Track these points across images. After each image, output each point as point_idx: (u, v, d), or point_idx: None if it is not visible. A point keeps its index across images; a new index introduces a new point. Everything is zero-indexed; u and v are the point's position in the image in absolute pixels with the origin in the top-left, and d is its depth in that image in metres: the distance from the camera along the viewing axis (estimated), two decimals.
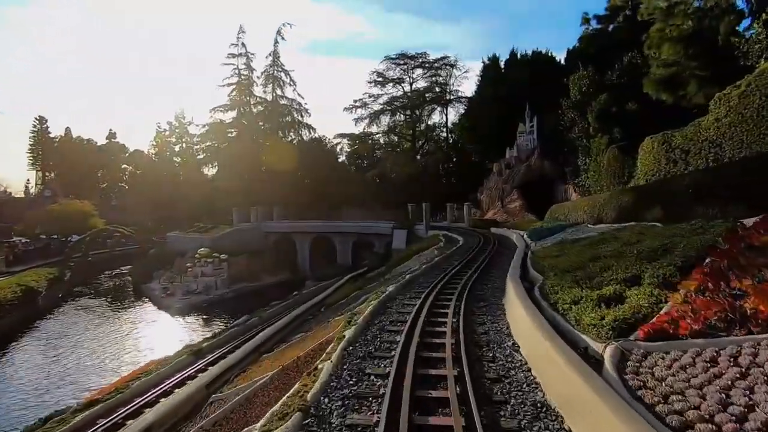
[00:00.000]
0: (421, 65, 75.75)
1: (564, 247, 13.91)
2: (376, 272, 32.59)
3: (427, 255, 23.36)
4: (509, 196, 39.69)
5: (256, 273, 41.35)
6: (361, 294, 19.30)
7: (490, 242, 22.20)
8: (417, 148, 78.34)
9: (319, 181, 57.29)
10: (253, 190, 54.93)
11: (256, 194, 54.66)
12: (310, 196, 56.32)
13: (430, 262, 16.68)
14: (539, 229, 21.21)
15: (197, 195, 59.82)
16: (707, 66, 22.25)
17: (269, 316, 22.09)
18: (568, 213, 24.05)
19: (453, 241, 25.61)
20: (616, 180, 25.54)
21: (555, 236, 18.27)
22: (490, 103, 51.79)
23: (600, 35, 41.34)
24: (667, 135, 20.54)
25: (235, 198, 53.90)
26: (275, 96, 59.71)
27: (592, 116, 28.72)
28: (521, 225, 27.74)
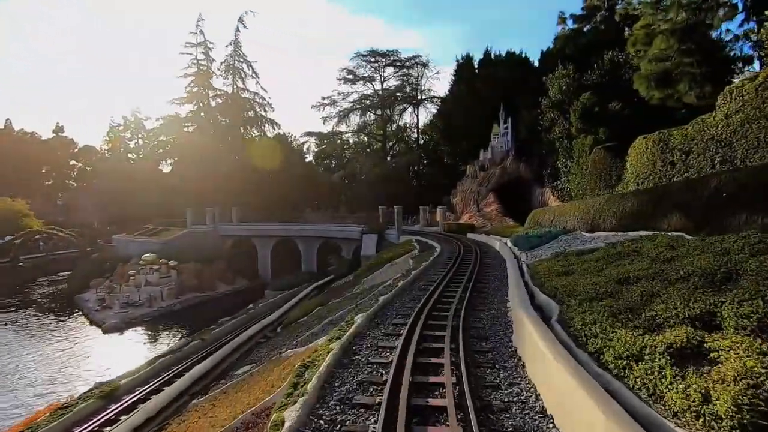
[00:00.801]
0: (393, 63, 73.46)
1: (569, 261, 11.52)
2: (343, 281, 29.68)
3: (401, 265, 20.66)
4: (485, 200, 37.76)
5: (209, 281, 37.35)
6: (325, 313, 16.37)
7: (471, 251, 19.75)
8: (388, 148, 75.88)
9: (283, 181, 53.65)
10: (211, 190, 50.60)
11: (213, 194, 50.38)
12: (274, 197, 52.57)
13: (406, 276, 13.94)
14: (526, 237, 18.95)
15: (154, 194, 54.62)
16: (700, 63, 20.80)
17: (215, 338, 18.69)
18: (554, 218, 22.01)
19: (428, 248, 23.05)
20: (602, 183, 23.78)
21: (548, 245, 16.00)
22: (463, 103, 49.97)
23: (576, 35, 40.26)
24: (663, 134, 18.78)
25: (191, 198, 49.39)
26: (236, 88, 55.53)
27: (574, 115, 27.08)
28: (502, 231, 25.60)
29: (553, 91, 32.24)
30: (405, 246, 26.16)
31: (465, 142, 50.38)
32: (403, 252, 24.34)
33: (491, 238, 25.10)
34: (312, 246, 41.34)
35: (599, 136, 25.70)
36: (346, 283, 26.96)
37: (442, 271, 14.65)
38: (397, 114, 75.28)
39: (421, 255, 20.54)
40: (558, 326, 7.08)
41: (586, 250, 12.32)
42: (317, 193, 68.26)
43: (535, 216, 25.38)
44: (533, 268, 12.33)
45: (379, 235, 33.86)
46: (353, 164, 71.00)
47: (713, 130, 15.74)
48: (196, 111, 59.39)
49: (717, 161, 15.66)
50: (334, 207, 67.44)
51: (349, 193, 67.97)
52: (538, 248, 16.08)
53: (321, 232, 40.75)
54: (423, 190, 64.64)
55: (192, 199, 48.52)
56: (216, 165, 53.09)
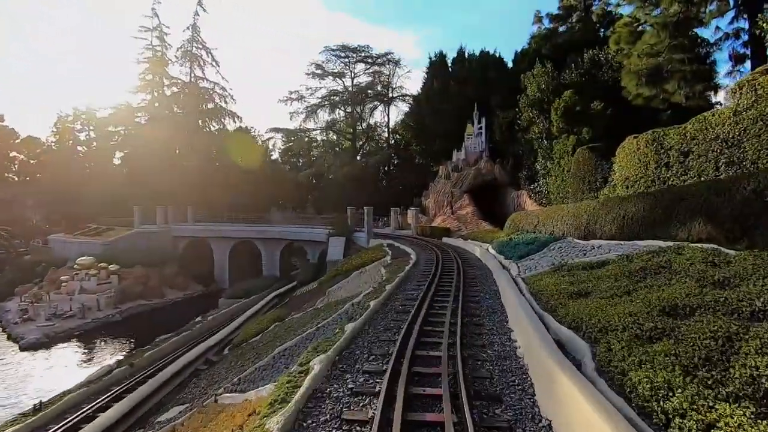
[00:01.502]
0: (364, 60, 71.02)
1: (577, 276, 9.51)
2: (307, 289, 26.98)
3: (372, 273, 18.26)
4: (459, 201, 36.00)
5: (157, 287, 33.56)
6: (282, 332, 13.74)
7: (450, 259, 17.63)
8: (357, 147, 73.32)
9: (245, 179, 50.00)
10: (165, 186, 46.31)
11: (168, 191, 46.14)
12: (234, 195, 48.84)
13: (379, 293, 11.53)
14: (511, 244, 17.01)
15: (104, 191, 49.25)
16: (691, 60, 19.65)
17: (148, 362, 15.56)
18: (537, 223, 20.27)
19: (402, 254, 20.78)
20: (586, 186, 22.32)
21: (540, 255, 14.05)
22: (436, 101, 48.25)
23: (553, 35, 39.36)
24: (657, 134, 17.37)
25: (144, 195, 44.87)
26: (194, 77, 51.32)
27: (556, 114, 25.66)
28: (480, 235, 23.71)
29: (531, 89, 30.85)
30: (376, 251, 23.79)
31: (438, 141, 48.67)
32: (374, 258, 21.95)
33: (469, 243, 23.15)
34: (274, 249, 38.23)
35: (582, 136, 24.33)
36: (310, 292, 24.29)
37: (420, 285, 12.37)
38: (368, 112, 72.97)
39: (395, 263, 18.21)
40: (601, 380, 4.91)
41: (594, 263, 10.35)
42: (283, 193, 64.80)
43: (515, 220, 23.65)
44: (532, 284, 10.24)
45: (348, 238, 31.32)
46: (321, 163, 67.96)
47: (719, 128, 14.26)
48: (151, 101, 54.60)
49: (722, 163, 14.20)
50: (300, 207, 64.24)
51: (316, 193, 64.90)
52: (529, 257, 14.10)
53: (284, 233, 37.71)
54: (394, 191, 62.57)
55: (145, 197, 44.06)
56: (171, 160, 48.82)
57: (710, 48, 20.23)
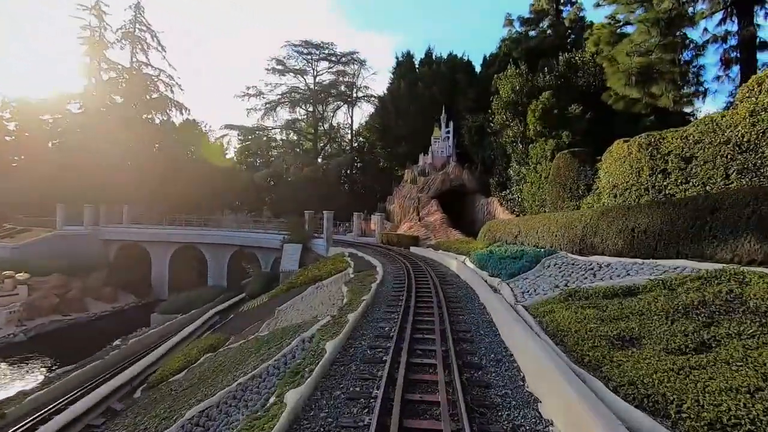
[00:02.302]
0: (327, 57, 67.92)
1: (607, 311, 7.15)
2: (255, 303, 23.53)
3: (330, 290, 15.31)
4: (427, 207, 33.75)
5: (78, 299, 28.73)
6: (209, 372, 10.56)
7: (423, 274, 15.05)
8: (319, 149, 69.88)
9: (193, 177, 45.38)
10: (97, 183, 40.88)
11: (101, 188, 40.74)
12: (180, 195, 44.11)
13: (339, 326, 8.65)
14: (493, 257, 14.65)
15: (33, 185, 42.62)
16: (681, 62, 18.35)
17: (24, 412, 11.66)
18: (519, 234, 18.15)
19: (366, 267, 17.96)
20: (566, 193, 20.51)
21: (534, 273, 11.70)
22: (403, 102, 46.17)
23: (524, 38, 38.26)
24: (653, 137, 15.70)
25: (72, 192, 39.22)
26: (136, 62, 46.05)
27: (533, 116, 23.97)
28: (453, 246, 21.33)
29: (504, 90, 29.16)
30: (336, 262, 20.83)
31: (403, 144, 46.52)
32: (334, 270, 19.00)
33: (441, 254, 20.72)
34: (222, 255, 34.24)
35: (562, 140, 22.67)
36: (259, 308, 20.93)
37: (392, 314, 9.63)
38: (331, 112, 69.92)
39: (358, 278, 15.36)
40: None
41: (618, 289, 8.04)
42: (237, 194, 60.27)
43: (491, 229, 21.50)
44: (542, 317, 7.77)
45: (305, 245, 28.10)
46: (280, 163, 63.99)
47: (730, 131, 12.53)
48: (88, 88, 48.65)
49: (733, 170, 12.45)
50: (257, 210, 59.93)
51: (274, 196, 60.78)
52: (521, 276, 11.72)
53: (233, 238, 33.85)
54: (356, 195, 59.79)
55: (75, 194, 38.45)
56: (107, 154, 43.36)
57: (698, 50, 19.08)
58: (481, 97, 39.92)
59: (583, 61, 27.21)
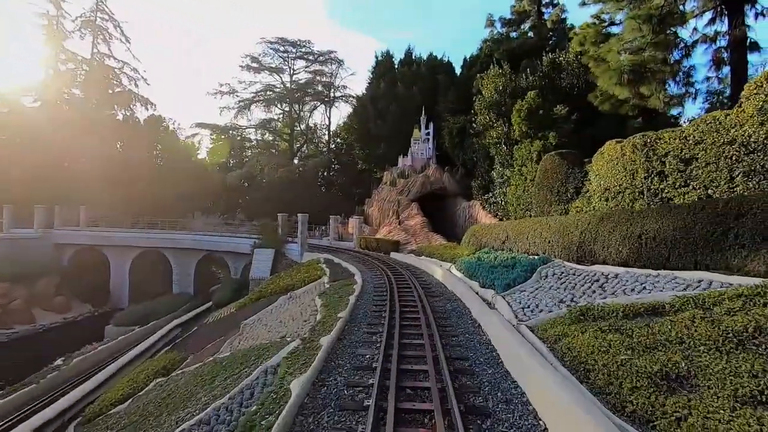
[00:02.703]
0: (304, 56, 66.12)
1: (634, 337, 5.96)
2: (222, 315, 21.64)
3: (303, 302, 13.73)
4: (407, 210, 32.47)
5: (23, 310, 26.01)
6: (153, 407, 8.86)
7: (407, 284, 13.69)
8: (295, 149, 67.80)
9: (159, 177, 42.69)
10: (53, 183, 37.77)
11: (56, 188, 37.66)
12: (145, 196, 41.36)
13: (309, 357, 7.14)
14: (483, 265, 13.42)
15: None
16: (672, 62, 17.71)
17: None
18: (506, 239, 17.03)
19: (343, 275, 16.46)
20: (554, 196, 19.59)
21: (532, 285, 10.48)
22: (382, 103, 44.93)
23: (506, 39, 37.69)
24: (648, 137, 14.88)
25: (23, 191, 36.02)
26: (98, 54, 43.04)
27: (518, 117, 23.06)
28: (437, 252, 20.04)
29: (487, 91, 28.27)
30: (310, 269, 19.22)
31: (383, 145, 45.23)
32: (308, 279, 17.41)
33: (424, 260, 19.41)
34: (188, 261, 31.97)
35: (549, 142, 21.79)
36: (224, 320, 19.09)
37: (374, 337, 8.20)
38: (307, 112, 68.03)
39: (334, 289, 13.85)
40: None
41: (639, 306, 6.86)
42: (209, 196, 57.58)
43: (476, 234, 20.35)
44: (554, 343, 6.51)
45: (277, 250, 26.29)
46: (254, 164, 61.68)
47: (735, 130, 11.69)
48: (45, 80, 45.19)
49: (739, 172, 11.61)
50: (229, 213, 57.37)
51: (248, 198, 58.35)
52: (518, 289, 10.47)
53: (201, 243, 31.65)
54: (334, 198, 58.08)
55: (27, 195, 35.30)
56: (64, 151, 40.25)
57: (687, 50, 18.53)
58: (462, 98, 39.16)
59: (567, 61, 26.60)
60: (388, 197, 36.40)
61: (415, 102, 43.43)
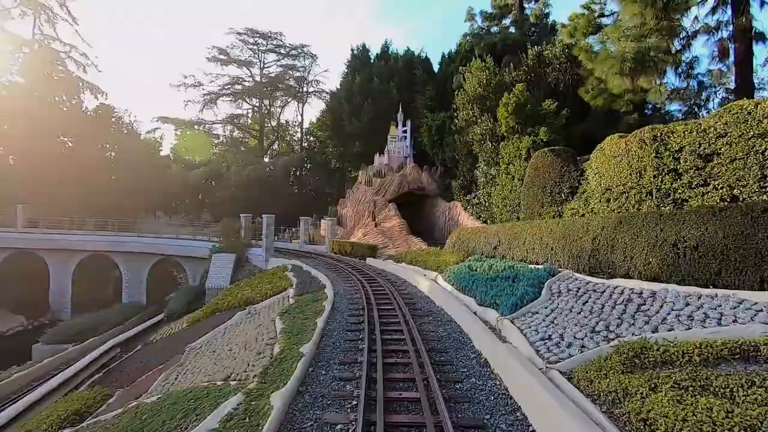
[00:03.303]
0: (276, 49, 62.90)
1: (746, 401, 3.87)
2: (170, 331, 18.86)
3: (261, 323, 11.29)
4: (383, 212, 30.28)
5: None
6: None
7: (387, 299, 11.50)
8: (265, 147, 64.47)
9: (114, 174, 38.75)
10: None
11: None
12: (97, 195, 37.41)
13: (253, 419, 4.82)
14: (477, 278, 11.36)
15: None
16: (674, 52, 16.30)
17: None
18: (498, 244, 15.10)
19: (312, 287, 14.07)
20: (546, 197, 17.85)
21: (546, 306, 8.46)
22: (357, 99, 42.69)
23: (486, 34, 36.17)
24: (659, 131, 13.27)
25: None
26: (41, 35, 38.67)
27: (506, 111, 21.30)
28: (419, 258, 17.86)
29: (470, 85, 26.50)
30: (275, 279, 16.73)
31: (357, 143, 42.99)
32: (271, 291, 14.94)
33: (405, 268, 17.25)
34: (140, 266, 28.66)
35: (539, 138, 20.10)
36: (171, 339, 16.36)
37: (348, 386, 5.96)
38: (279, 107, 64.85)
39: (300, 306, 11.47)
40: None
41: (718, 346, 4.90)
42: (172, 195, 53.67)
43: (461, 238, 18.37)
44: (608, 399, 4.46)
45: (240, 255, 23.56)
46: (219, 161, 58.18)
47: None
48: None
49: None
50: (194, 213, 53.59)
51: (217, 197, 54.68)
52: (527, 310, 8.43)
53: (155, 246, 28.42)
54: (306, 198, 55.34)
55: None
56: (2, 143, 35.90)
57: (689, 40, 17.21)
58: (441, 95, 37.44)
59: (554, 54, 25.12)
60: (364, 198, 34.14)
61: (392, 98, 41.47)
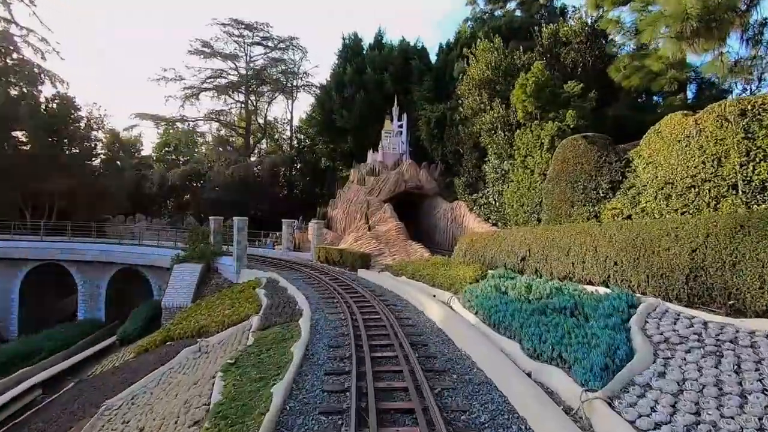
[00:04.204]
0: (262, 41, 59.08)
1: None
2: (115, 359, 15.28)
3: (198, 381, 7.75)
4: (378, 213, 26.80)
5: None
6: None
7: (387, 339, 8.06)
8: (252, 145, 60.62)
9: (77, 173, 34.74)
10: None
11: None
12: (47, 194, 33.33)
13: None
14: (520, 308, 7.87)
15: None
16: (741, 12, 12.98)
17: None
18: (527, 256, 11.68)
19: (284, 312, 10.52)
20: (578, 194, 14.45)
21: (657, 369, 5.06)
22: (349, 92, 39.23)
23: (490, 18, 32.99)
24: (750, 102, 10.14)
25: None
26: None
27: (522, 93, 17.88)
28: (423, 271, 14.22)
29: (477, 68, 23.14)
30: (240, 300, 13.16)
31: (349, 139, 39.49)
32: (230, 319, 11.38)
33: (405, 283, 13.74)
34: (98, 277, 24.86)
35: (565, 123, 16.72)
36: (103, 380, 12.75)
37: None
38: (265, 103, 61.08)
39: (260, 348, 7.93)
40: None
41: None
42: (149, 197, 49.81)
43: (474, 245, 14.90)
44: None
45: (208, 265, 19.90)
46: (201, 159, 54.39)
47: None
48: None
49: None
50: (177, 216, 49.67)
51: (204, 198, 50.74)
52: (626, 378, 4.95)
53: (113, 254, 24.62)
54: (296, 200, 51.61)
55: None
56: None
57: None
58: (439, 86, 34.09)
59: (574, 31, 21.81)
60: (356, 198, 30.62)
61: (386, 90, 38.01)
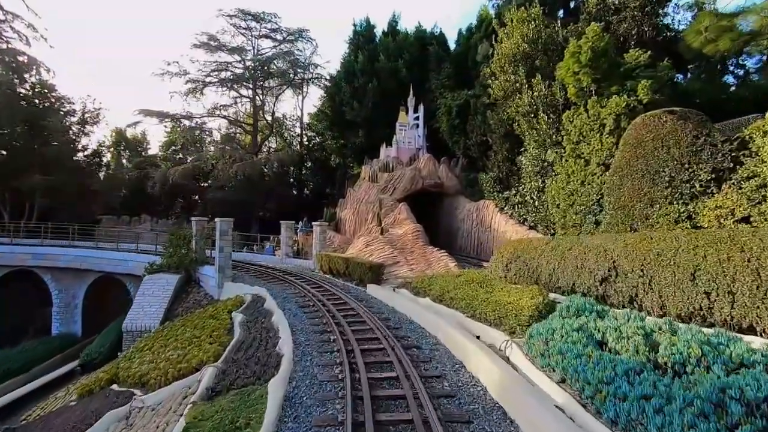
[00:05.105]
0: (270, 34, 56.07)
1: None
2: (45, 408, 11.97)
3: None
4: (392, 214, 23.28)
5: None
6: None
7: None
8: (259, 142, 57.68)
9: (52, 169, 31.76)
10: None
11: None
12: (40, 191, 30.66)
13: None
14: (626, 386, 4.35)
15: None
16: None
17: None
18: (611, 275, 8.07)
19: (254, 355, 7.05)
20: (660, 189, 10.69)
21: None
22: (360, 82, 35.90)
23: None
24: None
25: None
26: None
27: (575, 64, 14.06)
28: (455, 292, 10.51)
29: (511, 42, 19.40)
30: (207, 330, 9.76)
31: (360, 133, 36.10)
32: (182, 366, 7.93)
33: (430, 310, 10.16)
34: (74, 286, 21.90)
35: (636, 98, 12.90)
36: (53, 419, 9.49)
37: None
38: (273, 97, 58.00)
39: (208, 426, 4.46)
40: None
41: None
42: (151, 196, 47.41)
43: (521, 256, 11.21)
44: None
45: (188, 275, 16.62)
46: (205, 157, 51.73)
47: None
48: None
49: None
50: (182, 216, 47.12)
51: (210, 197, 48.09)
52: None
53: (89, 261, 21.57)
54: (306, 200, 48.51)
55: None
56: None
57: None
58: (460, 73, 30.53)
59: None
60: (367, 196, 27.13)
61: (401, 79, 34.59)
